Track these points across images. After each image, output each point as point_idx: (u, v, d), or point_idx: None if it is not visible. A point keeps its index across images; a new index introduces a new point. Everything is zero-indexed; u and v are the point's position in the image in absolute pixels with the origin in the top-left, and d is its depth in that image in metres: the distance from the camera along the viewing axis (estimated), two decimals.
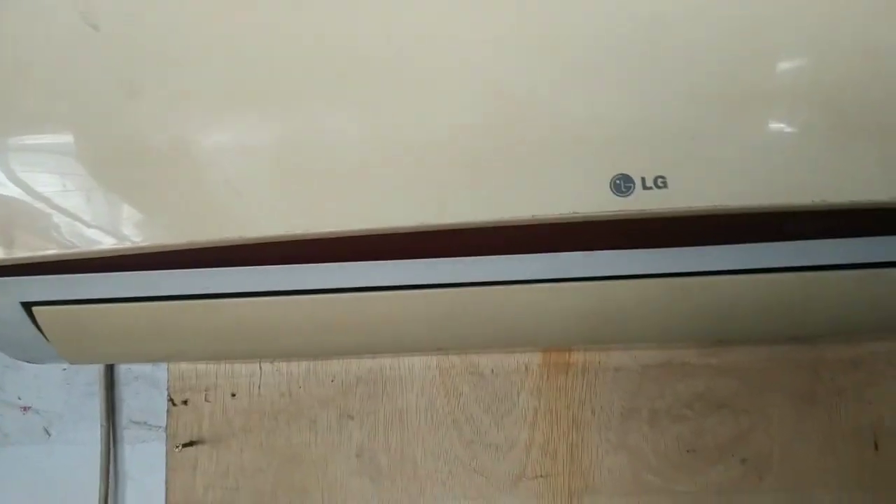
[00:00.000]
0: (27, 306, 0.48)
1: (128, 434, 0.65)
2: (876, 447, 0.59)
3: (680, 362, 0.60)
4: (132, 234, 0.43)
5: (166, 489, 0.62)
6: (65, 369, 0.65)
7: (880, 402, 0.59)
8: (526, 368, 0.61)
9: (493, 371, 0.61)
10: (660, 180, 0.40)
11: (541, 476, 0.60)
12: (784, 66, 0.40)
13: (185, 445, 0.62)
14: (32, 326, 0.48)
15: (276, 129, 0.42)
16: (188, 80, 0.43)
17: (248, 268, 0.46)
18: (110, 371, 0.65)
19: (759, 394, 0.60)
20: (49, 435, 0.65)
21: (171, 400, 0.63)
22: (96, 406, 0.64)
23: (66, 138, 0.43)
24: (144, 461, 0.64)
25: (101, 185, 0.43)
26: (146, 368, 0.65)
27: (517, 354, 0.61)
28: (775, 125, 0.40)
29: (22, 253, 0.43)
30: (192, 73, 0.43)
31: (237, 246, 0.43)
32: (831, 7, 0.41)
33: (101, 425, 0.64)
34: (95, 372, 0.64)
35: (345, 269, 0.46)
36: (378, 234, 0.42)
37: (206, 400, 0.63)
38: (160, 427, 0.64)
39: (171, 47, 0.43)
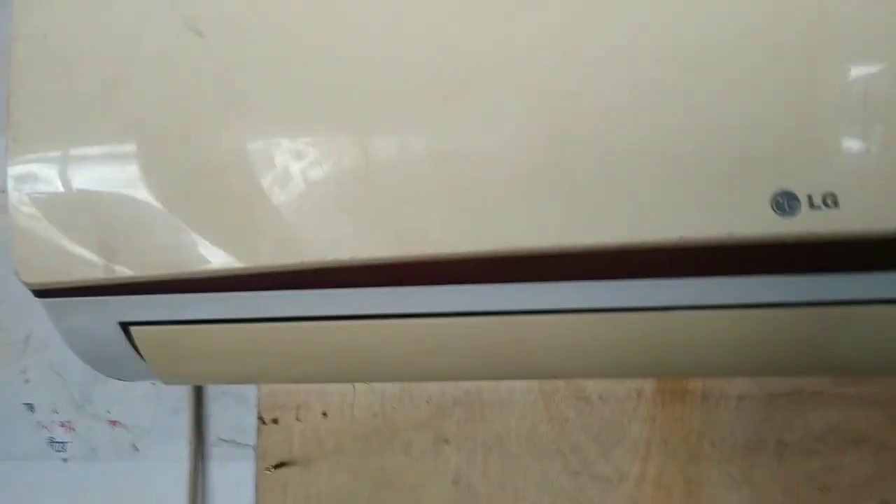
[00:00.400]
0: (125, 326, 0.46)
1: (216, 452, 0.63)
2: None
3: (812, 391, 0.55)
4: (239, 256, 0.40)
5: None
6: (153, 384, 0.64)
7: None
8: (638, 395, 0.56)
9: (601, 397, 0.57)
10: (829, 198, 0.35)
11: None
12: None
13: (275, 467, 0.60)
14: (129, 346, 0.47)
15: (385, 148, 0.39)
16: (295, 92, 0.40)
17: (346, 290, 0.43)
18: (198, 387, 0.63)
19: None
20: (137, 450, 0.64)
21: (261, 419, 0.61)
22: (184, 422, 0.62)
23: (166, 157, 0.41)
24: (232, 479, 0.62)
25: (201, 205, 0.40)
26: (234, 385, 0.63)
27: (628, 380, 0.57)
28: None
29: (122, 273, 0.41)
30: (300, 85, 0.40)
31: (337, 268, 0.40)
32: None
33: (189, 442, 0.62)
34: (184, 388, 0.63)
35: (449, 294, 0.42)
36: (491, 258, 0.38)
37: (297, 419, 0.60)
38: (248, 445, 0.62)
39: (276, 57, 0.40)
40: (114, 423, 0.64)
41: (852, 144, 0.35)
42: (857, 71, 0.36)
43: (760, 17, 0.36)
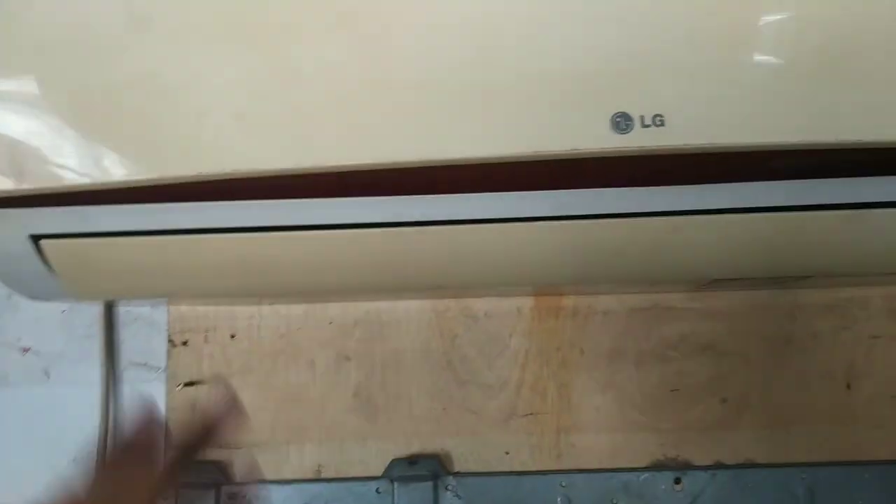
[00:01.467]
0: (35, 239, 0.48)
1: (128, 375, 0.66)
2: (848, 387, 0.63)
3: (665, 306, 0.63)
4: (142, 166, 0.44)
5: (165, 428, 0.64)
6: (64, 311, 0.66)
7: (853, 346, 0.63)
8: (518, 311, 0.63)
9: (486, 314, 0.63)
10: (658, 118, 0.42)
11: (530, 414, 0.63)
12: (778, 9, 0.42)
13: (185, 385, 0.63)
14: (39, 260, 0.49)
15: (282, 62, 0.43)
16: (192, 11, 0.43)
17: (252, 202, 0.47)
18: (109, 312, 0.66)
19: (739, 336, 0.63)
20: (48, 376, 0.66)
21: (171, 341, 0.64)
22: (96, 347, 0.65)
23: (71, 72, 0.44)
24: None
25: (110, 117, 0.43)
26: (145, 310, 0.66)
27: (510, 298, 0.63)
28: (768, 67, 0.42)
29: (31, 184, 0.44)
30: (200, 7, 0.43)
31: (241, 179, 0.44)
32: None
33: (101, 366, 0.65)
34: (95, 314, 0.65)
35: (344, 205, 0.47)
36: (376, 170, 0.43)
37: (205, 341, 0.64)
38: (160, 368, 0.65)
39: None
40: (25, 349, 0.66)
41: (676, 73, 0.42)
42: (680, 8, 0.42)
43: None
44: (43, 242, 0.48)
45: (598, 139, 0.42)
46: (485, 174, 0.45)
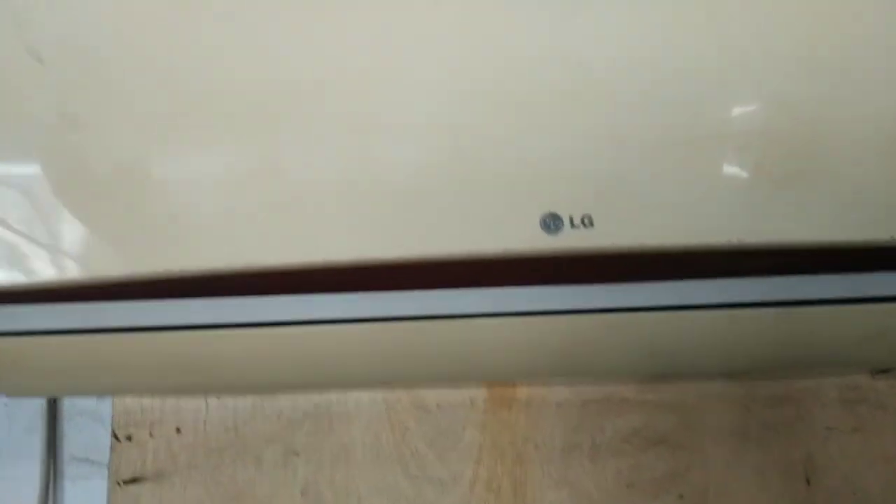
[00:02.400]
0: None
1: (69, 470, 0.64)
2: (808, 482, 0.61)
3: (619, 398, 0.62)
4: (74, 267, 0.43)
5: None
6: (6, 405, 0.64)
7: (809, 438, 0.62)
8: (471, 403, 0.62)
9: (438, 405, 0.62)
10: (586, 219, 0.42)
11: None
12: (704, 113, 0.43)
13: (127, 482, 0.61)
14: None
15: (221, 162, 0.44)
16: (133, 110, 0.44)
17: (192, 300, 0.47)
18: (53, 406, 0.64)
19: (694, 429, 0.61)
20: None
21: (114, 435, 0.62)
22: (37, 442, 0.63)
23: (8, 169, 0.44)
24: (85, 499, 0.63)
25: (43, 217, 0.43)
26: (90, 403, 0.64)
27: (463, 389, 0.62)
28: (695, 169, 0.43)
29: None
30: (137, 104, 0.44)
31: (182, 279, 0.44)
32: (754, 58, 0.44)
33: (42, 461, 0.63)
34: (38, 407, 0.64)
35: (289, 302, 0.47)
36: (320, 268, 0.43)
37: (150, 435, 0.62)
38: (103, 463, 0.63)
39: (114, 79, 0.44)
40: None
41: (607, 174, 0.43)
42: (610, 111, 0.43)
43: (533, 61, 0.43)
44: None
45: (528, 240, 0.42)
46: (428, 272, 0.45)
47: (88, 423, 0.64)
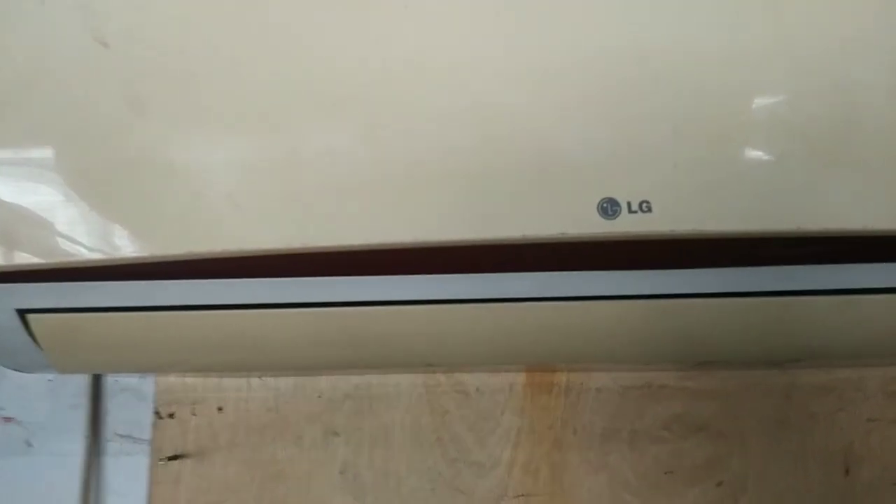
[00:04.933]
0: (22, 313, 0.48)
1: (112, 447, 0.64)
2: (847, 472, 0.61)
3: (659, 385, 0.62)
4: (131, 245, 0.44)
5: (148, 503, 0.62)
6: (50, 380, 0.65)
7: (850, 428, 0.61)
8: (510, 388, 0.62)
9: (478, 389, 0.62)
10: (644, 205, 0.42)
11: (522, 495, 0.61)
12: (763, 99, 0.43)
13: (169, 459, 0.62)
14: (25, 334, 0.49)
15: (275, 146, 0.44)
16: (190, 97, 0.44)
17: (241, 280, 0.47)
18: (97, 383, 0.65)
19: (734, 417, 0.61)
20: (31, 446, 0.65)
21: (157, 413, 0.63)
22: (81, 418, 0.64)
23: (68, 151, 0.44)
24: (128, 475, 0.64)
25: (101, 197, 0.44)
26: (133, 381, 0.65)
27: (502, 373, 0.62)
28: (754, 155, 0.42)
29: (21, 260, 0.44)
30: (196, 90, 0.44)
31: (232, 258, 0.44)
32: (807, 45, 0.43)
33: (85, 437, 0.64)
34: (82, 383, 0.64)
35: (335, 284, 0.47)
36: (370, 251, 0.43)
37: (192, 413, 0.63)
38: (145, 440, 0.64)
39: (177, 65, 0.45)
40: (8, 419, 0.65)
41: (664, 161, 0.42)
42: (669, 98, 0.43)
43: (594, 48, 0.43)
44: (30, 317, 0.48)
45: (585, 224, 0.42)
46: (475, 255, 0.45)
47: (131, 401, 0.65)
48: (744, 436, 0.61)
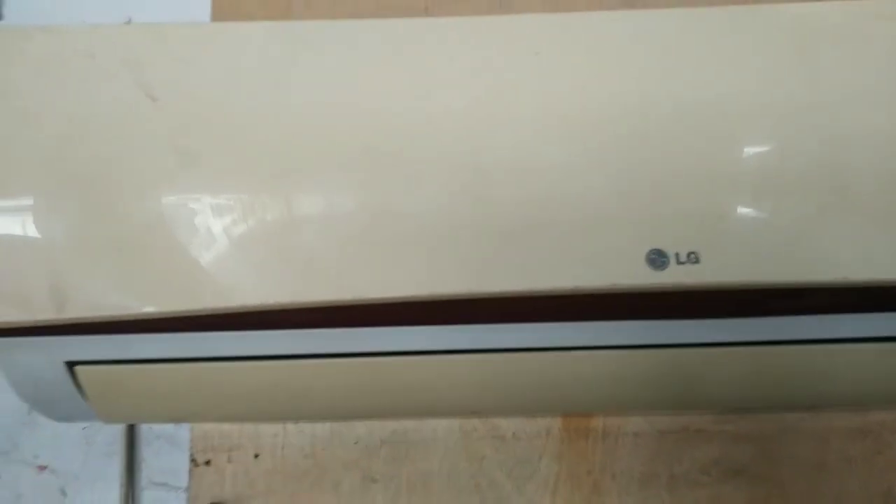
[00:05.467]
0: (70, 365, 0.49)
1: (147, 495, 0.64)
2: None
3: (696, 429, 0.62)
4: (183, 299, 0.44)
5: None
6: (85, 428, 0.65)
7: (889, 471, 0.61)
8: (547, 433, 0.62)
9: (514, 435, 0.62)
10: (693, 255, 0.42)
11: None
12: (809, 151, 0.44)
13: None
14: (72, 385, 0.49)
15: (321, 200, 0.45)
16: (236, 151, 0.45)
17: (286, 331, 0.48)
18: (131, 430, 0.65)
19: (772, 460, 0.61)
20: (65, 496, 0.65)
21: (193, 460, 0.63)
22: (116, 466, 0.64)
23: (120, 202, 0.45)
24: None
25: (151, 249, 0.45)
26: (168, 428, 0.65)
27: (538, 418, 0.62)
28: (801, 206, 0.43)
29: (72, 314, 0.44)
30: (241, 145, 0.45)
31: (272, 312, 0.44)
32: (847, 98, 0.45)
33: (120, 485, 0.63)
34: (116, 431, 0.64)
35: (379, 335, 0.48)
36: (412, 302, 0.44)
37: (228, 461, 0.63)
38: (181, 488, 0.63)
39: (222, 120, 0.46)
40: (42, 468, 0.65)
41: (712, 213, 0.43)
42: (713, 150, 0.44)
43: (638, 101, 0.45)
44: (77, 369, 0.49)
45: (635, 275, 0.42)
46: (523, 305, 0.45)
47: (166, 448, 0.64)
48: (782, 479, 0.61)
